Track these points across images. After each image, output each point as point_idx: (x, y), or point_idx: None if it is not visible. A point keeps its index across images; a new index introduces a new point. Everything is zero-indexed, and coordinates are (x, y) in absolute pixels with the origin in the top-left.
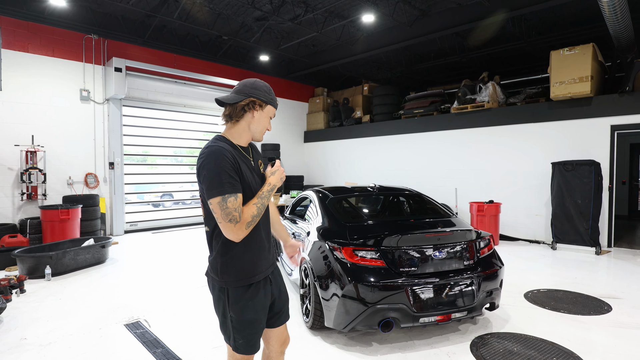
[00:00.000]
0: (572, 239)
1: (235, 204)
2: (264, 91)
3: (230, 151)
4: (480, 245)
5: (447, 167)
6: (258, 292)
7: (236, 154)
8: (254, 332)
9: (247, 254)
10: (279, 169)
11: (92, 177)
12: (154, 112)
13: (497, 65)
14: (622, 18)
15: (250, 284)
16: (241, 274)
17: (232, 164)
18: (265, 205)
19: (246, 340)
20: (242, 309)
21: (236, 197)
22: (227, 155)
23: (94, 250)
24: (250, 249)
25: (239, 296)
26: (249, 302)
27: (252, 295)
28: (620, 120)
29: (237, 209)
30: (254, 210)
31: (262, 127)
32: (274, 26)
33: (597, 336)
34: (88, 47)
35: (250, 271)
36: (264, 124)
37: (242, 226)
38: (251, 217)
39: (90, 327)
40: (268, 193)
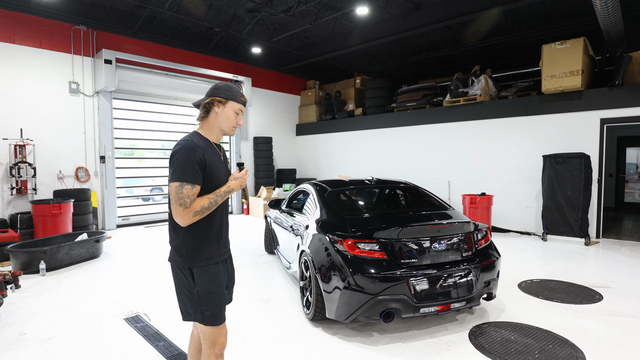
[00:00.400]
0: (562, 230)
1: (190, 192)
2: (223, 90)
3: (201, 147)
4: (478, 237)
5: (439, 159)
6: (219, 270)
7: (207, 149)
8: (219, 303)
9: (210, 239)
10: (242, 176)
11: (83, 171)
12: (145, 105)
13: (488, 59)
14: (612, 12)
15: (214, 263)
16: (205, 255)
17: (200, 159)
18: (218, 202)
19: (213, 311)
20: (207, 282)
21: (192, 187)
22: (197, 151)
23: (88, 245)
24: (212, 235)
25: (205, 273)
26: (213, 278)
27: (215, 272)
28: (610, 114)
29: (190, 197)
30: (206, 203)
31: (229, 122)
32: (266, 18)
33: (590, 324)
34: (76, 39)
35: (211, 253)
36: (230, 119)
37: (189, 212)
38: (200, 207)
39: (89, 322)
40: (224, 193)
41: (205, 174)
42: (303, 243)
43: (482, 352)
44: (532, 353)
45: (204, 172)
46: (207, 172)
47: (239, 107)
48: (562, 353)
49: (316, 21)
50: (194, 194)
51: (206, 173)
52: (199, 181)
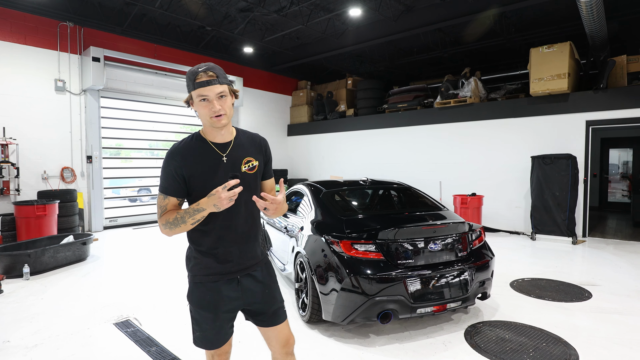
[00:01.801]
0: (550, 230)
1: (162, 202)
2: (187, 81)
3: (183, 152)
4: (472, 237)
5: (430, 160)
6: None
7: (196, 153)
8: (207, 328)
9: (202, 252)
10: (216, 194)
11: (69, 171)
12: (134, 104)
13: (478, 61)
14: (597, 18)
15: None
16: (197, 270)
17: (173, 168)
18: (186, 221)
19: (200, 334)
20: (198, 301)
21: (164, 198)
22: (173, 159)
23: (74, 248)
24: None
25: (196, 288)
26: (201, 299)
27: (207, 291)
28: (595, 116)
29: (162, 207)
30: (171, 218)
31: (203, 116)
32: (258, 18)
33: (581, 321)
34: (63, 35)
35: (211, 268)
36: (202, 111)
37: (160, 222)
38: (165, 221)
39: (77, 327)
40: (193, 212)
41: (190, 184)
42: (298, 245)
43: (479, 351)
44: (527, 351)
45: (187, 184)
46: (192, 182)
47: (198, 92)
48: (555, 351)
49: (309, 22)
50: (166, 205)
51: (191, 183)
52: (171, 192)
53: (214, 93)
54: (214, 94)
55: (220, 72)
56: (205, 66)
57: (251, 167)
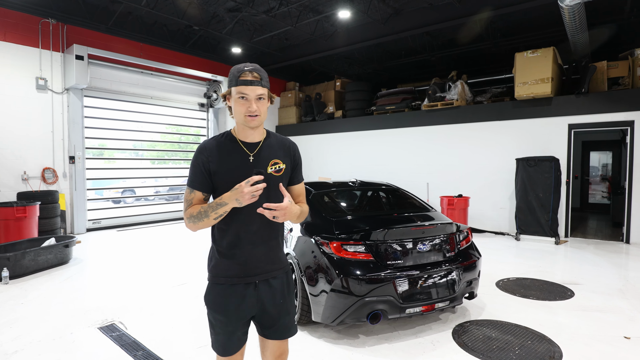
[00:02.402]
0: (534, 230)
1: (188, 196)
2: (230, 76)
3: (211, 149)
4: (459, 238)
5: (418, 162)
6: (234, 294)
7: (224, 150)
8: (221, 333)
9: (222, 252)
10: (238, 188)
11: (50, 171)
12: (119, 104)
13: (464, 65)
14: (579, 24)
15: (223, 283)
16: (217, 269)
17: (202, 163)
18: (209, 215)
19: (216, 338)
20: (212, 304)
21: (190, 192)
22: (202, 154)
23: (56, 250)
24: (225, 248)
25: (212, 290)
26: (218, 300)
27: (224, 295)
28: (577, 120)
29: (188, 201)
30: (195, 212)
31: (238, 114)
32: (247, 18)
33: (564, 319)
34: (45, 32)
35: (227, 270)
36: (238, 109)
37: (185, 217)
38: (189, 215)
39: (60, 333)
40: (216, 206)
41: (215, 180)
42: (287, 246)
43: (466, 350)
44: (513, 349)
45: (212, 178)
46: (217, 178)
47: (238, 89)
48: (540, 348)
49: (297, 23)
50: (192, 199)
51: (216, 179)
52: (198, 186)
53: (255, 93)
54: (254, 95)
55: (264, 75)
56: (252, 66)
57: (277, 169)
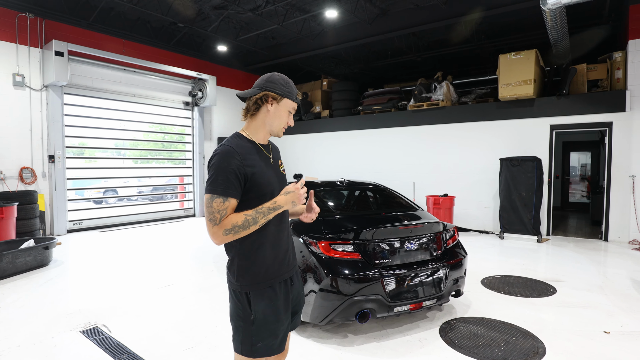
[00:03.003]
0: (517, 229)
1: (221, 206)
2: (279, 84)
3: (241, 152)
4: (446, 237)
5: (404, 161)
6: (280, 291)
7: (251, 152)
8: (275, 333)
9: (265, 255)
10: (295, 191)
11: (29, 171)
12: (101, 102)
13: (449, 66)
14: (561, 27)
15: (271, 285)
16: (260, 276)
17: (235, 167)
18: (259, 222)
19: (266, 342)
20: (265, 308)
21: (224, 200)
22: (234, 157)
23: (35, 252)
24: (267, 250)
25: (261, 296)
26: (271, 302)
27: (275, 295)
28: (558, 121)
29: (221, 211)
30: (240, 220)
31: (280, 122)
32: (233, 16)
33: (547, 315)
34: (22, 27)
35: (271, 273)
36: (282, 118)
37: (219, 230)
38: (232, 225)
39: (40, 337)
40: (267, 210)
41: (248, 184)
42: None
43: (453, 347)
44: (498, 345)
45: (247, 183)
46: (251, 182)
47: (294, 106)
48: (524, 344)
49: (284, 22)
50: (226, 208)
51: (250, 183)
52: (233, 193)
53: (294, 111)
54: (293, 111)
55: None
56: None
57: (283, 168)
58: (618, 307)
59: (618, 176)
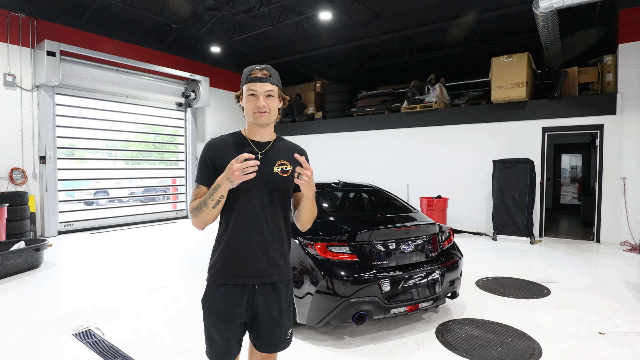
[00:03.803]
0: (510, 230)
1: (195, 191)
2: (242, 77)
3: (220, 145)
4: (442, 238)
5: (397, 163)
6: (231, 297)
7: (232, 147)
8: (213, 338)
9: (224, 252)
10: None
11: (19, 172)
12: (93, 102)
13: (442, 68)
14: (552, 30)
15: (223, 284)
16: (215, 269)
17: (207, 158)
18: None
19: (208, 343)
20: (209, 304)
21: (197, 187)
22: (210, 149)
23: (26, 254)
24: (229, 248)
25: (210, 291)
26: (215, 302)
27: (221, 297)
28: (550, 123)
29: (194, 195)
30: (196, 203)
31: (248, 111)
32: (226, 17)
33: (542, 317)
34: (13, 27)
35: (225, 271)
36: (248, 106)
37: (190, 210)
38: (192, 208)
39: (32, 340)
40: (212, 191)
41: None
42: None
43: (450, 348)
44: (495, 347)
45: (217, 173)
46: (220, 173)
47: (248, 86)
48: (521, 345)
49: (278, 23)
50: (197, 194)
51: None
52: (203, 181)
53: (263, 90)
54: (262, 91)
55: (275, 74)
56: (263, 65)
57: (284, 169)
58: (611, 308)
59: (609, 178)
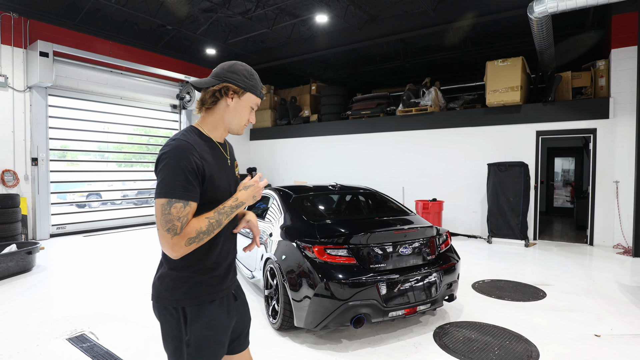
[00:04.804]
0: (505, 233)
1: (182, 212)
2: (242, 76)
3: (198, 150)
4: (439, 241)
5: (393, 166)
6: (222, 309)
7: (208, 150)
8: (214, 355)
9: (211, 265)
10: (255, 184)
11: (11, 174)
12: (87, 104)
13: (437, 72)
14: (547, 35)
15: (213, 301)
16: (200, 288)
17: (195, 166)
18: (223, 223)
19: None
20: (203, 328)
21: (185, 205)
22: (192, 154)
23: (18, 257)
24: (211, 262)
25: (199, 314)
26: (211, 321)
27: (215, 313)
28: (544, 127)
29: (182, 218)
30: (204, 225)
31: (240, 120)
32: (222, 19)
33: (539, 319)
34: (6, 27)
35: (214, 285)
36: (242, 115)
37: (180, 240)
38: (196, 233)
39: (24, 345)
40: (230, 210)
41: (205, 185)
42: (268, 251)
43: (448, 351)
44: (492, 350)
45: (204, 183)
46: (208, 182)
47: (257, 101)
48: (518, 348)
49: (274, 26)
50: (187, 214)
51: (206, 184)
52: (194, 197)
53: (256, 107)
54: (255, 108)
55: None
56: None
57: (239, 172)
58: (607, 311)
59: (602, 181)
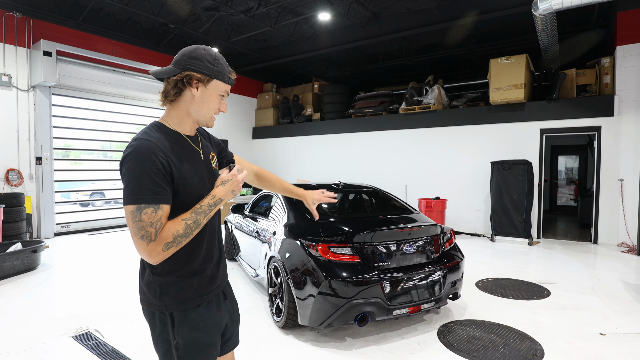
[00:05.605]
0: (508, 232)
1: (153, 217)
2: (206, 61)
3: (163, 146)
4: (444, 240)
5: (396, 165)
6: (211, 310)
7: (175, 146)
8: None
9: (198, 267)
10: (233, 178)
11: (15, 173)
12: (90, 103)
13: (440, 70)
14: (551, 32)
15: (201, 304)
16: (189, 292)
17: (161, 166)
18: (201, 223)
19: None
20: (191, 331)
21: (156, 210)
22: (156, 154)
23: (23, 256)
24: (198, 262)
25: (187, 317)
26: (200, 324)
27: (204, 315)
28: (548, 125)
29: (155, 223)
30: (181, 228)
31: (208, 110)
32: (224, 17)
33: (543, 318)
34: (9, 26)
35: (200, 288)
36: (211, 105)
37: (157, 246)
38: (173, 237)
39: (31, 343)
40: (208, 208)
41: (175, 185)
42: (271, 249)
43: (452, 350)
44: (497, 348)
45: (174, 183)
46: (179, 181)
47: (226, 88)
48: (522, 346)
49: (276, 24)
50: (160, 218)
51: (176, 183)
52: (165, 199)
53: (227, 94)
54: (226, 95)
55: None
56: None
57: (216, 162)
58: (611, 309)
59: (607, 180)
